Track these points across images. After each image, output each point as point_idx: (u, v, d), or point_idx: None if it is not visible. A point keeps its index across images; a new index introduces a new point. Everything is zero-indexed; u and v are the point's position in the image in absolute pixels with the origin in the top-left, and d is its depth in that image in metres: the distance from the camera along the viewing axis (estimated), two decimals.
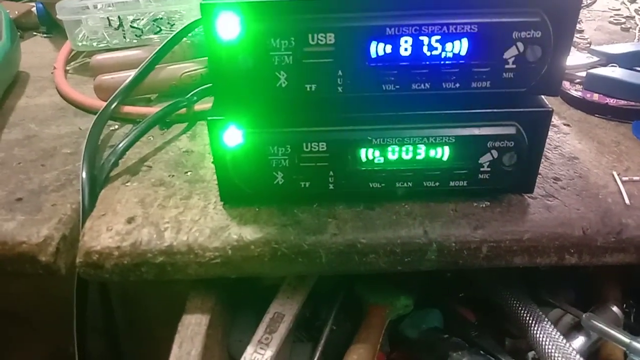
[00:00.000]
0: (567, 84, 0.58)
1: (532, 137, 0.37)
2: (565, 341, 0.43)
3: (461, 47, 0.34)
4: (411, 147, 0.37)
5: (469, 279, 0.54)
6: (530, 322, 0.45)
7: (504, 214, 0.39)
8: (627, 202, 0.41)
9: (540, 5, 0.33)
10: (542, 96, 0.38)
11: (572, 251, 0.39)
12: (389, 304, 0.49)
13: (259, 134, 0.37)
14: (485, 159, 0.38)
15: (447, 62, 0.34)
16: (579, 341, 0.47)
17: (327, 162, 0.38)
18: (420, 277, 0.51)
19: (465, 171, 0.38)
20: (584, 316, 0.46)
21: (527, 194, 0.41)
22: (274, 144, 0.37)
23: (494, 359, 0.46)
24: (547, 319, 0.45)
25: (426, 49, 0.34)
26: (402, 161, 0.38)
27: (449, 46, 0.34)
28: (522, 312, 0.46)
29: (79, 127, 0.53)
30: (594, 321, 0.45)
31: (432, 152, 0.37)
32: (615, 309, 0.49)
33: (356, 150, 0.37)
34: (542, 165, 0.42)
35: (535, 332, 0.44)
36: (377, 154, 0.37)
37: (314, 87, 0.35)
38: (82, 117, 0.55)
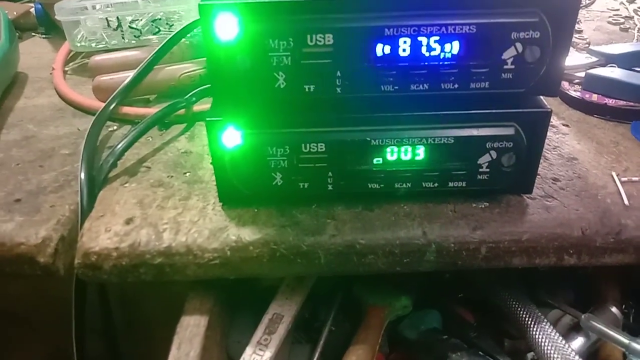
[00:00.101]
0: (566, 85, 0.58)
1: (531, 138, 0.37)
2: (564, 342, 0.43)
3: (460, 47, 0.34)
4: (410, 148, 0.37)
5: (468, 280, 0.54)
6: (529, 323, 0.45)
7: (502, 215, 0.39)
8: (626, 202, 0.41)
9: (538, 5, 0.33)
10: (541, 97, 0.38)
11: (571, 252, 0.39)
12: (388, 304, 0.49)
13: (257, 135, 0.37)
14: (484, 160, 0.38)
15: (446, 63, 0.34)
16: (578, 342, 0.47)
17: (326, 163, 0.38)
18: (419, 278, 0.51)
19: (464, 172, 0.38)
20: (583, 317, 0.46)
21: (526, 195, 0.41)
22: (272, 145, 0.37)
23: None
24: (546, 320, 0.45)
25: (425, 50, 0.34)
26: (400, 162, 0.38)
27: (448, 47, 0.34)
28: (521, 313, 0.46)
29: (78, 128, 0.53)
30: (593, 322, 0.45)
31: (431, 153, 0.37)
32: (614, 309, 0.49)
33: (355, 151, 0.37)
34: (541, 165, 0.42)
35: (534, 333, 0.44)
36: (375, 155, 0.37)
37: (313, 87, 0.35)
38: (81, 117, 0.55)
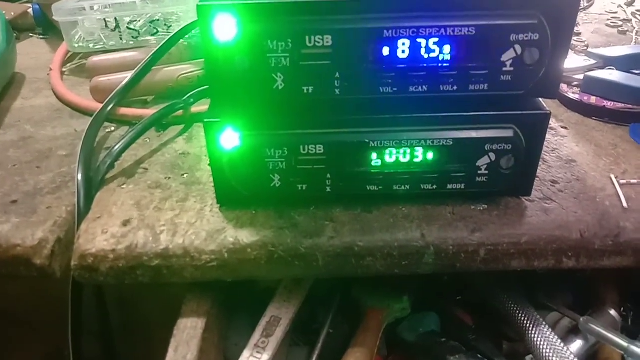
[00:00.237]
0: (564, 87, 0.58)
1: (529, 140, 0.37)
2: (563, 345, 0.42)
3: (459, 49, 0.34)
4: (408, 150, 0.37)
5: (467, 282, 0.54)
6: (527, 325, 0.44)
7: (501, 217, 0.39)
8: (625, 205, 0.41)
9: (537, 7, 0.33)
10: (540, 99, 0.38)
11: (570, 254, 0.39)
12: (387, 307, 0.49)
13: (255, 137, 0.36)
14: (482, 162, 0.38)
15: (445, 65, 0.34)
16: (577, 345, 0.47)
17: (324, 165, 0.37)
18: (417, 281, 0.51)
19: (462, 174, 0.38)
20: (582, 319, 0.46)
21: (524, 197, 0.41)
22: (270, 147, 0.37)
23: None
24: (544, 323, 0.45)
25: (424, 52, 0.34)
26: (399, 164, 0.38)
27: (447, 48, 0.34)
28: (520, 315, 0.46)
29: (75, 129, 0.53)
30: (591, 324, 0.45)
31: (430, 155, 0.37)
32: (613, 312, 0.49)
33: (353, 152, 0.37)
34: (539, 168, 0.42)
35: (532, 336, 0.44)
36: (374, 157, 0.37)
37: (311, 89, 0.35)
38: (78, 118, 0.55)
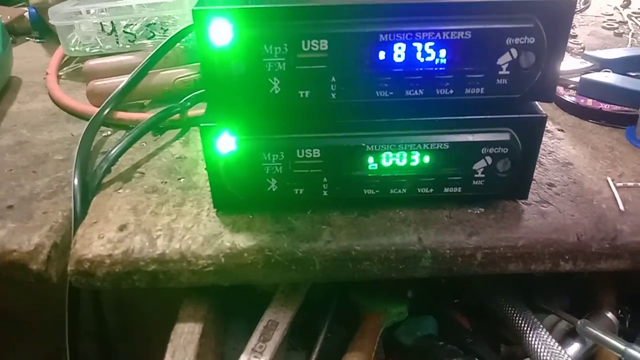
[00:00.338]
0: (561, 89, 0.58)
1: (526, 143, 0.37)
2: (560, 348, 0.42)
3: (455, 53, 0.34)
4: (405, 154, 0.37)
5: (464, 286, 0.54)
6: (525, 328, 0.44)
7: (498, 221, 0.39)
8: (622, 208, 0.41)
9: (533, 11, 0.33)
10: (536, 102, 0.38)
11: (567, 257, 0.39)
12: (384, 311, 0.49)
13: (252, 141, 0.36)
14: (479, 165, 0.38)
15: (441, 69, 0.34)
16: (574, 348, 0.47)
17: (321, 169, 0.37)
18: (414, 284, 0.51)
19: (459, 177, 0.38)
20: (579, 322, 0.46)
21: (521, 200, 0.41)
22: (267, 151, 0.37)
23: None
24: (542, 326, 0.45)
25: (420, 56, 0.34)
26: (396, 168, 0.38)
27: (443, 52, 0.34)
28: (517, 318, 0.46)
29: (71, 133, 0.53)
30: (589, 327, 0.45)
31: (426, 159, 0.37)
32: (610, 315, 0.49)
33: (350, 156, 0.37)
34: (536, 171, 0.42)
35: (530, 339, 0.44)
36: (371, 161, 0.37)
37: (308, 93, 0.35)
38: (75, 123, 0.55)
